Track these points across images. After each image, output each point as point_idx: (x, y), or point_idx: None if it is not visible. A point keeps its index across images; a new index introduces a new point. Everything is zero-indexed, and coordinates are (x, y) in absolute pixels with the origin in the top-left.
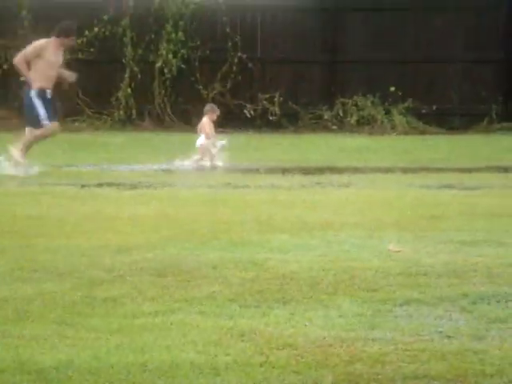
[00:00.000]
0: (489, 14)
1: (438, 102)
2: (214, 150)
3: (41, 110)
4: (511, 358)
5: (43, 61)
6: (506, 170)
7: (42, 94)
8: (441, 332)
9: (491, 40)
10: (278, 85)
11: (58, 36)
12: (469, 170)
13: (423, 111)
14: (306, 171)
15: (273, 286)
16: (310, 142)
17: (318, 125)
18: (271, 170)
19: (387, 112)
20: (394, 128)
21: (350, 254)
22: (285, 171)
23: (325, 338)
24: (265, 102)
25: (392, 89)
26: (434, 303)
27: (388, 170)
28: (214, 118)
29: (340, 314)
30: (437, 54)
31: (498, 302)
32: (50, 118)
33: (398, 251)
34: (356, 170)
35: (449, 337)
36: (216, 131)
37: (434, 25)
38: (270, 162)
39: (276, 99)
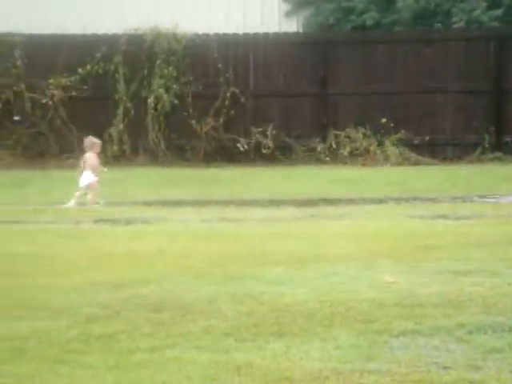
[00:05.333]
0: (479, 45)
1: (430, 132)
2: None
3: None
4: None
5: None
6: (497, 199)
7: None
8: (437, 363)
9: (481, 71)
10: (271, 118)
11: None
12: (462, 200)
13: (415, 142)
14: (300, 203)
15: (268, 319)
16: (303, 175)
17: (311, 157)
18: (266, 203)
19: (380, 143)
20: (387, 159)
21: (345, 285)
22: (279, 204)
23: (321, 370)
24: (258, 135)
25: (383, 120)
26: (430, 334)
27: (382, 201)
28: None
29: (336, 345)
30: (428, 85)
31: (494, 331)
32: None
33: (393, 282)
34: (350, 202)
35: (445, 367)
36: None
37: (423, 56)
38: (264, 195)
39: (269, 132)
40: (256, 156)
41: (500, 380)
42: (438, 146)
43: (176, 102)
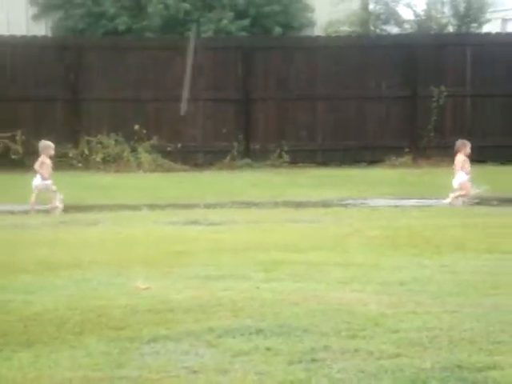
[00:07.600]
0: (227, 54)
1: (183, 139)
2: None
3: None
4: None
5: None
6: (248, 205)
7: None
8: (187, 367)
9: (230, 80)
10: (20, 123)
11: None
12: (213, 206)
13: (168, 149)
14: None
15: (16, 328)
16: (55, 181)
17: (64, 163)
18: (16, 210)
19: (133, 150)
20: (140, 166)
21: (97, 292)
22: (28, 211)
23: (71, 379)
24: (6, 140)
25: (136, 127)
26: (181, 339)
27: (135, 208)
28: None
29: (87, 353)
30: (178, 93)
31: (242, 335)
32: None
33: (146, 288)
34: (103, 208)
35: (195, 371)
36: None
37: (174, 63)
38: (14, 202)
39: (18, 137)
40: (5, 161)
41: (245, 381)
42: (190, 152)
43: None
